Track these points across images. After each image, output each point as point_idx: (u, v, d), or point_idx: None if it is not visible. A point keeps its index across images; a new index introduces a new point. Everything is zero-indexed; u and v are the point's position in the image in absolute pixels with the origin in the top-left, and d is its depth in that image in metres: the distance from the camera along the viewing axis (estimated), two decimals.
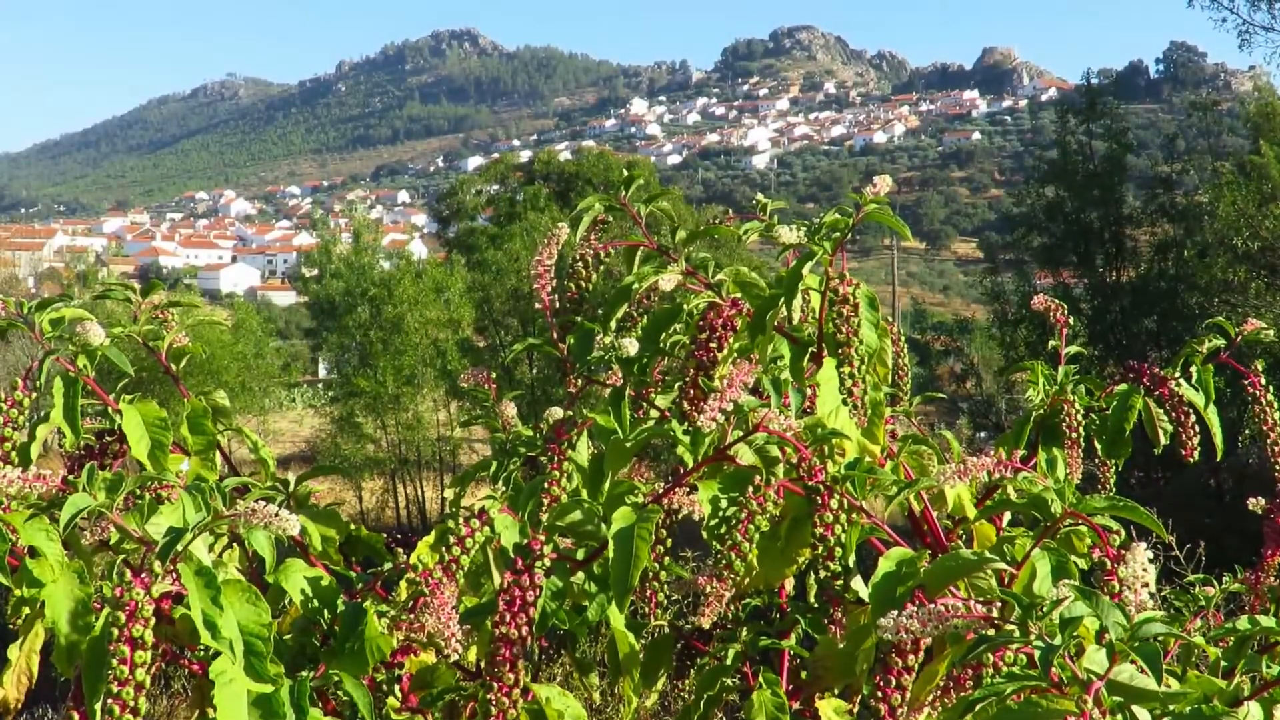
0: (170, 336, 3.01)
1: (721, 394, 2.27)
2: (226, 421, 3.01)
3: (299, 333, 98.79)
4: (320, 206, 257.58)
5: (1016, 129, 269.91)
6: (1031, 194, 32.91)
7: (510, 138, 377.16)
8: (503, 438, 3.17)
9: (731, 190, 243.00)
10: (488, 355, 44.25)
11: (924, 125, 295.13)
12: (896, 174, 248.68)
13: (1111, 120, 31.47)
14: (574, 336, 2.91)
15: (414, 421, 45.13)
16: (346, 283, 45.74)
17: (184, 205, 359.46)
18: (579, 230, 2.96)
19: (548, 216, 45.20)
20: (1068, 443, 3.08)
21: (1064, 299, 25.54)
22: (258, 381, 51.53)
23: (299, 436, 63.74)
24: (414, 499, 46.79)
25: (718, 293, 2.73)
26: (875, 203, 2.66)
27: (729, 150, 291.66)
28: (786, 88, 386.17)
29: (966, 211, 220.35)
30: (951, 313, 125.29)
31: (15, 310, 2.67)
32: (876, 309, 2.68)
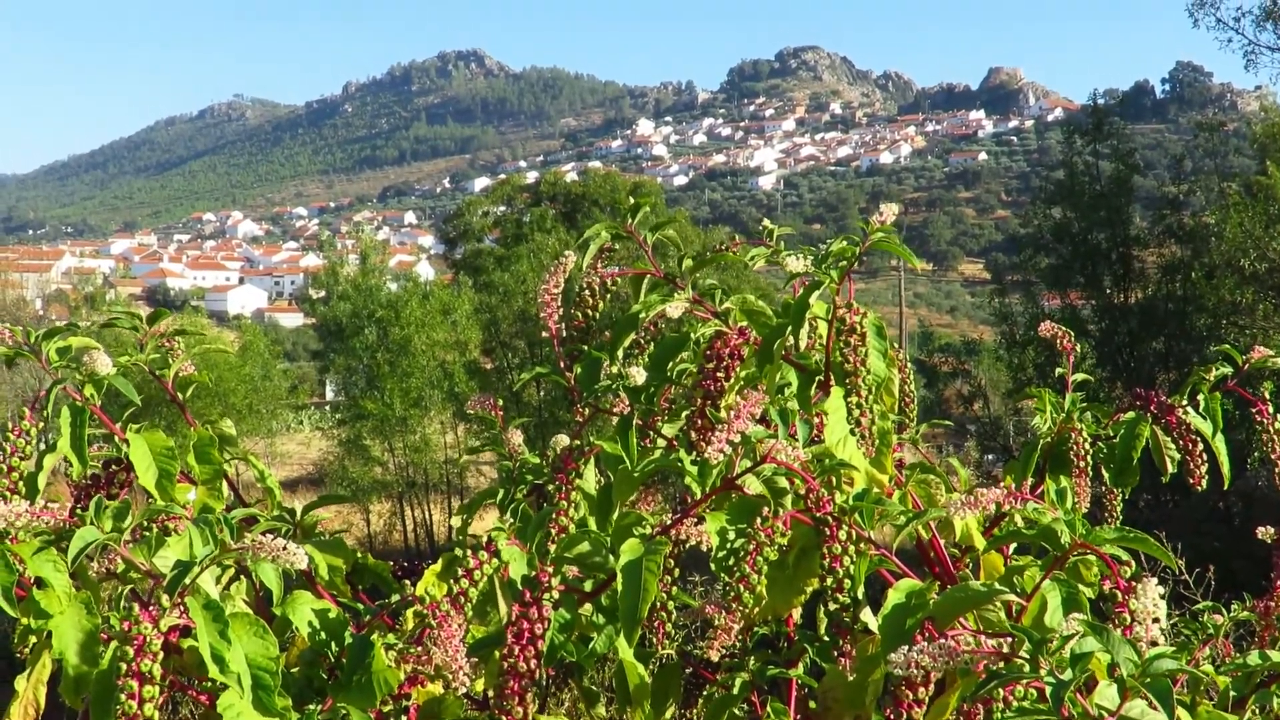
0: (177, 365, 3.01)
1: (729, 425, 2.27)
2: (233, 450, 3.01)
3: (306, 354, 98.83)
4: (327, 228, 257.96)
5: (1023, 149, 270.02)
6: (1038, 215, 32.89)
7: (517, 158, 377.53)
8: (510, 465, 3.16)
9: (738, 211, 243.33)
10: (495, 377, 44.24)
11: (930, 146, 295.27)
12: (903, 195, 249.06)
13: (1118, 141, 31.46)
14: (581, 365, 2.90)
15: (421, 444, 45.08)
16: (354, 305, 45.74)
17: (191, 226, 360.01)
18: (585, 258, 2.96)
19: (554, 238, 45.21)
20: (1075, 471, 3.08)
21: (1071, 320, 25.65)
22: (265, 404, 51.57)
23: (306, 459, 63.74)
24: (421, 522, 46.72)
25: (725, 321, 2.73)
26: (882, 231, 2.66)
27: (735, 171, 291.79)
28: (792, 108, 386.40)
29: (973, 232, 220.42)
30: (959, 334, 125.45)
31: (23, 339, 2.66)
32: (884, 338, 2.67)
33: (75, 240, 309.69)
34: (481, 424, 44.95)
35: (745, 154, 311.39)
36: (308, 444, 67.40)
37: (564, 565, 2.49)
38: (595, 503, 2.82)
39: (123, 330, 3.11)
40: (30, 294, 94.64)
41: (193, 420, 2.92)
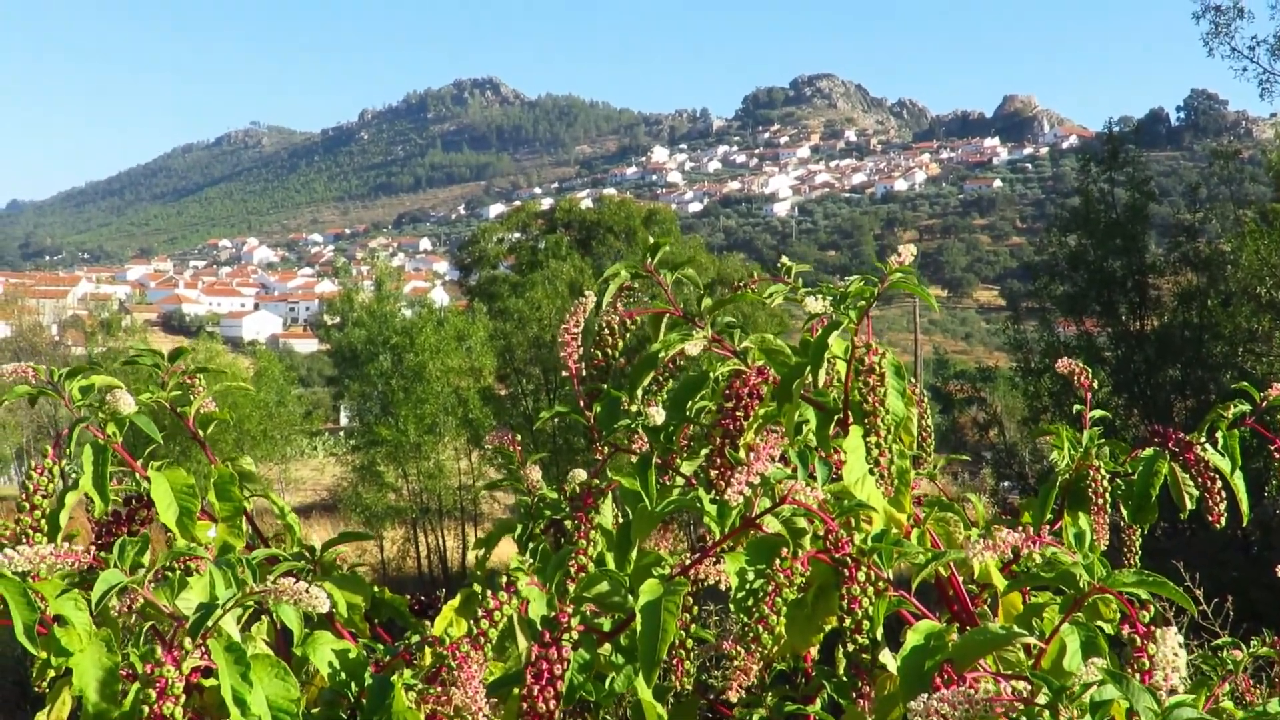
0: (198, 403, 3.02)
1: (749, 467, 2.28)
2: (253, 487, 3.02)
3: (321, 380, 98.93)
4: (343, 254, 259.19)
5: (1038, 176, 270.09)
6: (1054, 242, 32.86)
7: (532, 185, 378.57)
8: (528, 501, 3.17)
9: (753, 238, 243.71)
10: (509, 404, 44.28)
11: (945, 173, 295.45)
12: (918, 221, 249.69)
13: (1134, 169, 31.43)
14: (601, 404, 2.91)
15: (435, 470, 45.12)
16: (368, 331, 45.84)
17: (207, 253, 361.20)
18: (605, 297, 2.97)
19: (569, 265, 45.28)
20: (1094, 509, 3.08)
21: (1087, 348, 25.58)
22: (279, 429, 51.64)
23: (320, 485, 63.77)
24: (435, 548, 46.73)
25: (743, 360, 2.73)
26: (901, 271, 2.66)
27: (750, 198, 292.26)
28: (807, 135, 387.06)
29: (988, 259, 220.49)
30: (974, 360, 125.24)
31: (46, 378, 2.68)
32: (902, 377, 2.68)
33: (92, 266, 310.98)
34: (497, 453, 44.87)
35: (760, 181, 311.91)
36: (321, 470, 67.44)
37: (583, 604, 2.50)
38: (613, 539, 2.82)
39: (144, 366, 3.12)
40: (47, 319, 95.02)
41: (214, 457, 2.93)
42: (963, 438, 38.04)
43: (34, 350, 72.25)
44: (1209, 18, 32.16)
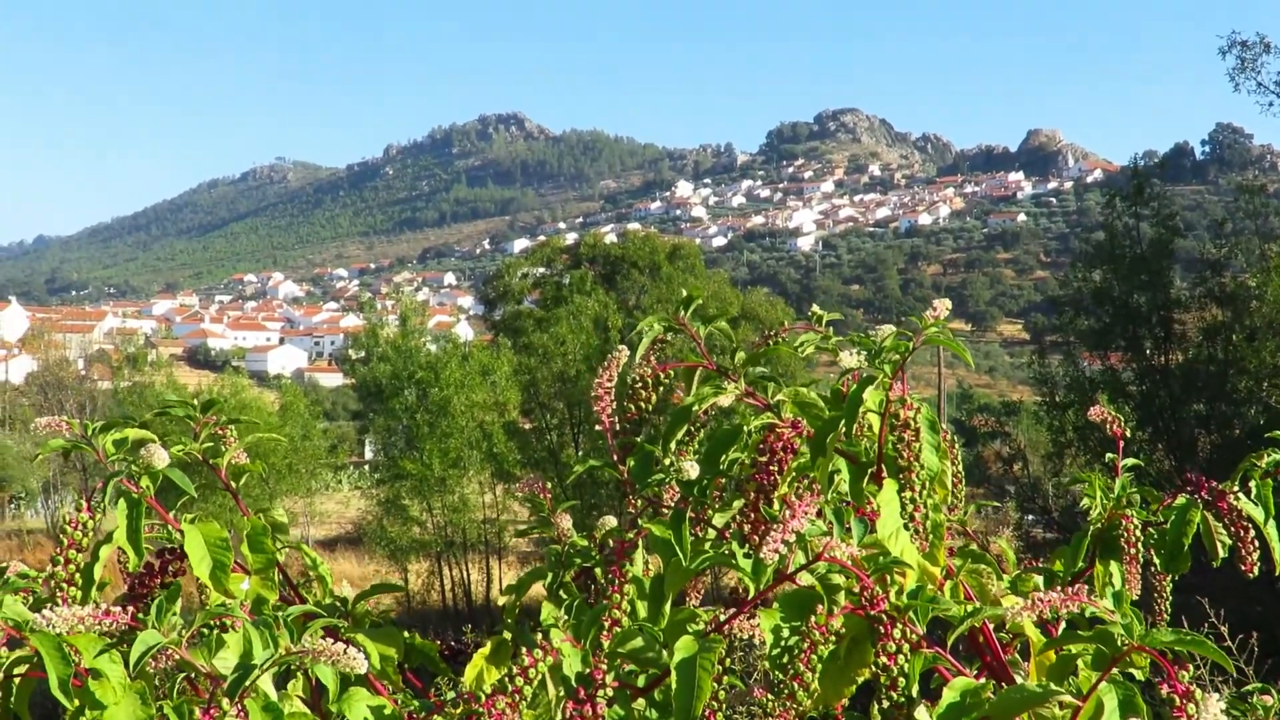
0: (229, 454, 3.03)
1: (785, 525, 2.27)
2: (284, 538, 3.02)
3: (346, 414, 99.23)
4: (367, 289, 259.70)
5: (1062, 210, 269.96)
6: (1078, 277, 32.83)
7: (556, 220, 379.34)
8: (559, 550, 3.17)
9: (776, 272, 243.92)
10: (533, 438, 44.36)
11: (969, 207, 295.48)
12: (941, 255, 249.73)
13: (1159, 204, 31.38)
14: (634, 458, 2.91)
15: (460, 504, 45.19)
16: (393, 366, 45.95)
17: (232, 287, 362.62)
18: (638, 351, 2.97)
19: (594, 300, 45.37)
20: (1126, 558, 3.06)
21: (1112, 383, 25.53)
22: (305, 463, 51.76)
23: (345, 518, 63.88)
24: (459, 581, 46.76)
25: (777, 414, 2.73)
26: (935, 326, 2.66)
27: (774, 232, 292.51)
28: (831, 170, 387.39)
29: (1012, 293, 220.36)
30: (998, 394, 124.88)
31: (80, 432, 2.69)
32: (937, 431, 2.67)
33: (118, 301, 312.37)
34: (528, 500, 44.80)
35: (784, 215, 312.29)
36: (346, 503, 67.58)
37: (617, 659, 2.50)
38: (648, 593, 2.82)
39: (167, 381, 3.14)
40: (73, 354, 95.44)
41: (246, 509, 2.94)
42: (986, 471, 37.96)
43: (60, 385, 72.50)
44: (1235, 53, 32.15)
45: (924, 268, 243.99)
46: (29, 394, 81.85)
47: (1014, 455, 35.82)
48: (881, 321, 25.00)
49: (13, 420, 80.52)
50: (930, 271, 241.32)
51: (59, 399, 70.50)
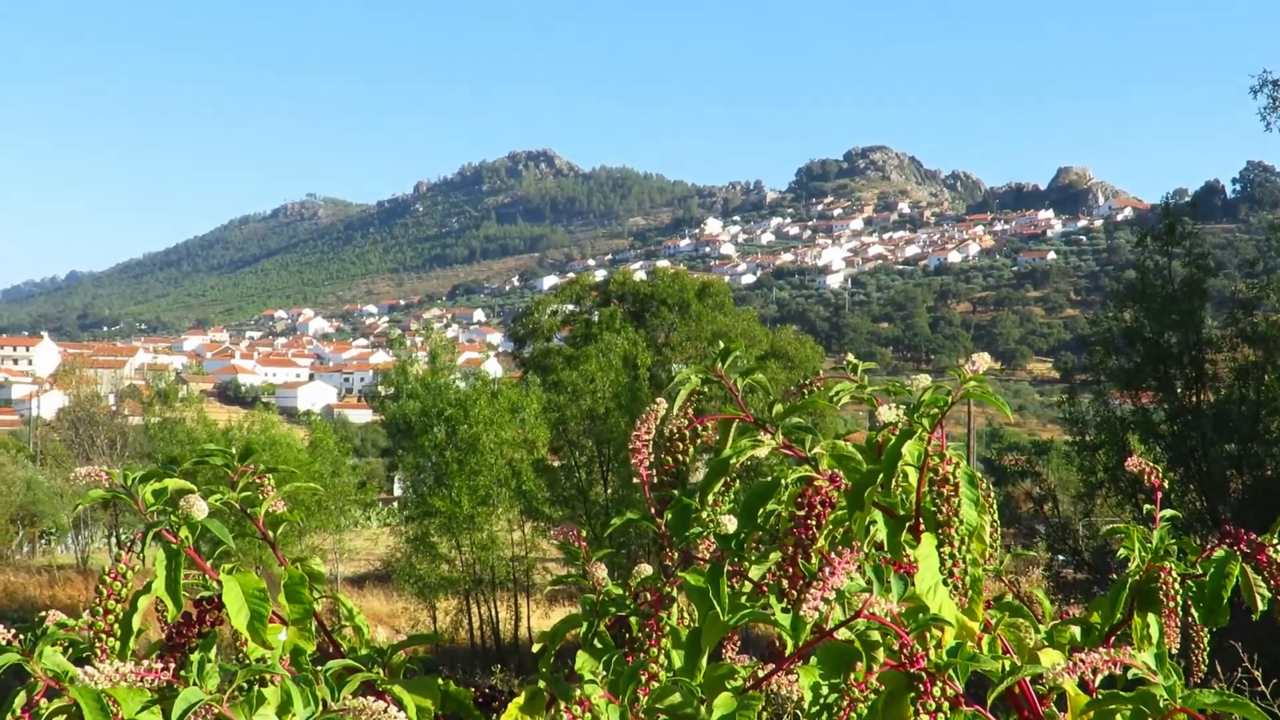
0: (267, 503, 3.04)
1: (825, 582, 2.27)
2: (322, 589, 3.03)
3: (375, 451, 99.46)
4: (397, 325, 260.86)
5: (1092, 249, 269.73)
6: (1108, 316, 32.68)
7: (585, 257, 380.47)
8: (593, 599, 3.16)
9: (805, 310, 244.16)
10: (563, 476, 44.33)
11: (999, 245, 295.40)
12: (971, 293, 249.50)
13: (1191, 243, 31.22)
14: (671, 511, 2.91)
15: (488, 541, 45.11)
16: (423, 403, 46.01)
17: (263, 323, 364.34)
18: (675, 403, 2.97)
19: (623, 338, 45.40)
20: (1165, 611, 3.05)
21: (1143, 423, 25.38)
22: (334, 500, 51.81)
23: (374, 555, 63.91)
24: (488, 619, 46.66)
25: (814, 466, 2.73)
26: (974, 380, 2.66)
27: (803, 270, 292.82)
28: (861, 207, 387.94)
29: (1042, 331, 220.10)
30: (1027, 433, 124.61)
31: (120, 481, 2.70)
32: (976, 486, 2.67)
33: (149, 337, 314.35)
34: (548, 521, 45.10)
35: (813, 253, 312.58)
36: (375, 540, 67.64)
37: (655, 715, 2.49)
38: (681, 640, 2.81)
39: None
40: (105, 389, 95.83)
41: (283, 559, 2.95)
42: (1016, 511, 37.81)
43: (91, 420, 72.76)
44: (1267, 92, 32.03)
45: (953, 306, 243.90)
46: (60, 429, 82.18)
47: (1044, 495, 35.63)
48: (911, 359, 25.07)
49: (44, 456, 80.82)
50: (960, 309, 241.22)
51: (90, 435, 70.77)
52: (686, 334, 50.45)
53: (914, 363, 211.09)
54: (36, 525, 69.68)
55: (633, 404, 41.63)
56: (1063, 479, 39.43)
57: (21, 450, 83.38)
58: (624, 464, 39.10)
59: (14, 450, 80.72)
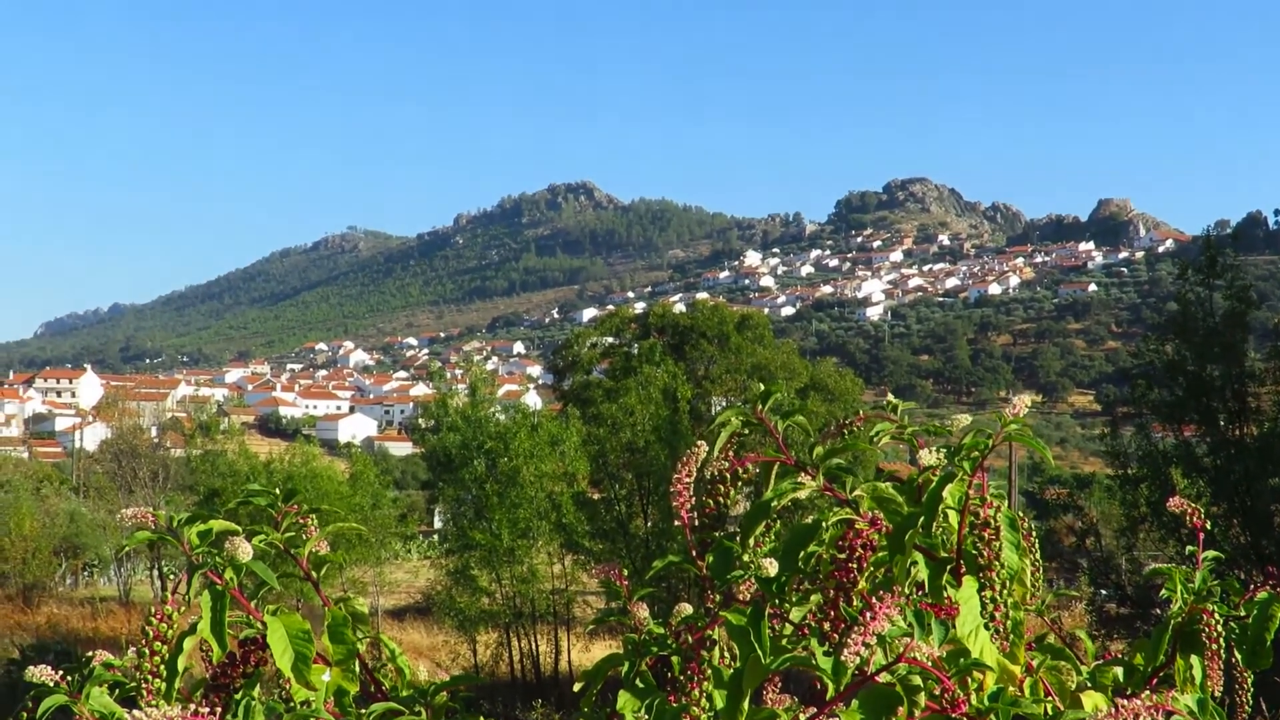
0: (310, 544, 3.06)
1: (866, 628, 2.27)
2: (364, 629, 3.04)
3: (415, 483, 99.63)
4: (437, 357, 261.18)
5: (1133, 280, 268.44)
6: (1150, 348, 32.48)
7: (625, 289, 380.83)
8: (635, 638, 3.17)
9: (845, 342, 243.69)
10: (603, 509, 44.29)
11: (1039, 277, 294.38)
12: (1011, 325, 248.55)
13: (1233, 275, 30.98)
14: (713, 554, 2.92)
15: (528, 574, 45.12)
16: (463, 436, 46.11)
17: (304, 356, 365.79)
18: (716, 446, 2.98)
19: (663, 370, 45.41)
20: (1208, 654, 3.03)
21: (1186, 456, 25.18)
22: (374, 533, 51.84)
23: (414, 588, 63.97)
24: (528, 652, 46.64)
25: (855, 509, 2.73)
26: (1015, 423, 2.66)
27: (843, 302, 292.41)
28: (900, 239, 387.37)
29: (1083, 364, 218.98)
30: (1069, 465, 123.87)
31: (165, 523, 2.73)
32: (1017, 529, 2.67)
33: (191, 369, 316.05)
34: (588, 554, 45.08)
35: (853, 285, 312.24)
36: (416, 573, 67.70)
37: None
38: (723, 680, 2.82)
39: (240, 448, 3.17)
40: (147, 421, 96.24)
41: (327, 599, 2.96)
42: (1058, 545, 37.57)
43: (134, 453, 73.06)
44: None
45: (994, 338, 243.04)
46: (103, 462, 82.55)
47: (1087, 530, 35.43)
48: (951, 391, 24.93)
49: (87, 488, 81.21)
50: (1000, 341, 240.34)
51: (132, 467, 71.07)
52: (726, 366, 50.40)
53: (954, 395, 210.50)
54: (79, 557, 70.01)
55: (673, 437, 41.62)
56: (1105, 513, 39.18)
57: (65, 482, 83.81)
58: (664, 497, 38.73)
59: (57, 482, 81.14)
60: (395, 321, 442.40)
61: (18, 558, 62.24)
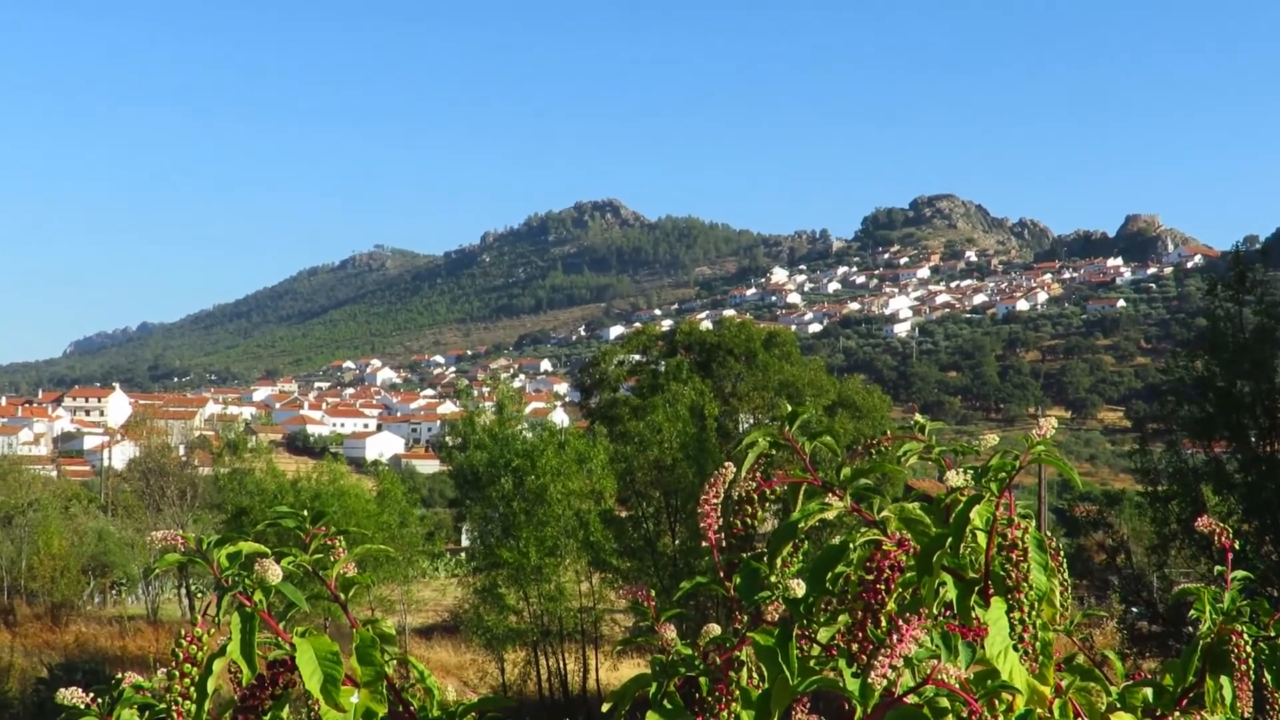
0: (338, 566, 3.07)
1: (893, 650, 2.27)
2: (393, 650, 3.05)
3: (443, 501, 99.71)
4: (464, 375, 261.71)
5: (1162, 296, 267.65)
6: (1179, 365, 32.33)
7: (651, 306, 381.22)
8: (663, 659, 3.17)
9: (873, 358, 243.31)
10: (630, 526, 44.26)
11: (1067, 293, 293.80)
12: (1040, 341, 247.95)
13: (1262, 291, 30.85)
14: (740, 574, 2.92)
15: (556, 592, 45.10)
16: (490, 454, 46.13)
17: (331, 374, 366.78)
18: (743, 467, 2.98)
19: (690, 388, 45.39)
20: (1237, 675, 3.02)
21: (1216, 473, 25.00)
22: (402, 551, 51.90)
23: (441, 606, 64.01)
24: (556, 670, 46.60)
25: (883, 530, 2.73)
26: (1042, 444, 2.66)
27: (870, 318, 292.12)
28: (927, 256, 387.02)
29: (1112, 380, 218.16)
30: (1099, 482, 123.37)
31: (195, 546, 2.74)
32: (1045, 551, 2.66)
33: (219, 387, 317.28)
34: (615, 572, 45.04)
35: (880, 301, 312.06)
36: (443, 591, 67.75)
37: None
38: (751, 701, 2.82)
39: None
40: (175, 440, 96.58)
41: (355, 621, 2.97)
42: (1089, 563, 37.40)
43: (162, 471, 73.32)
44: None
45: (1022, 354, 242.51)
46: (131, 480, 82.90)
47: (1117, 547, 35.26)
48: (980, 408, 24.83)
49: (115, 506, 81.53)
50: (1029, 358, 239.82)
51: (160, 485, 71.33)
52: (753, 383, 50.39)
53: (983, 412, 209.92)
54: (108, 576, 70.27)
55: (700, 454, 41.59)
56: (1136, 530, 38.98)
57: (93, 501, 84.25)
58: (692, 515, 38.90)
59: (86, 501, 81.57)
60: (422, 339, 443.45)
61: (47, 576, 62.57)
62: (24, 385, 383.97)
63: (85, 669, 42.09)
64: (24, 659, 51.06)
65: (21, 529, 65.59)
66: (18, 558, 64.60)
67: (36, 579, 63.32)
